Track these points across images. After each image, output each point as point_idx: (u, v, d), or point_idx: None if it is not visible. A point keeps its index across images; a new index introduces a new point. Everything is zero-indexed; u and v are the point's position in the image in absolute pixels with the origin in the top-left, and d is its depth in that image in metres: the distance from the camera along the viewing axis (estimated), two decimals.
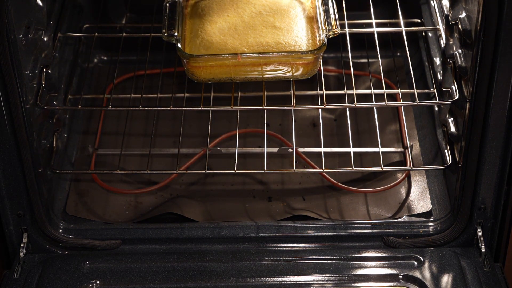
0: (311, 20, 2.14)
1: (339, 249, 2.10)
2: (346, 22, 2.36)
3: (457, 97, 2.10)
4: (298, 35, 2.10)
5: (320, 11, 2.13)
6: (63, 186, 2.27)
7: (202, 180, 2.33)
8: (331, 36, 2.06)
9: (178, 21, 2.11)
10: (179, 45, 2.05)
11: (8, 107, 1.92)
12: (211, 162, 2.32)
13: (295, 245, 2.12)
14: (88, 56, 2.58)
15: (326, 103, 2.13)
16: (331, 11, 2.11)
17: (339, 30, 2.07)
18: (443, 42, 2.30)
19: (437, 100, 2.24)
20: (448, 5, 2.22)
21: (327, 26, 2.07)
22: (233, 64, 2.04)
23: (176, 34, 2.07)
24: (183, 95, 2.27)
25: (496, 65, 1.86)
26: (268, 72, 2.07)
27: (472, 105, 1.95)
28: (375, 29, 2.33)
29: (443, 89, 2.27)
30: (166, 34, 2.08)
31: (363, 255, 2.07)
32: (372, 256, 2.07)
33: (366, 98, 2.34)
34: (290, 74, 2.08)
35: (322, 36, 2.06)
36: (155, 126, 2.35)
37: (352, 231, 2.14)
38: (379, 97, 2.24)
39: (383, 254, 2.08)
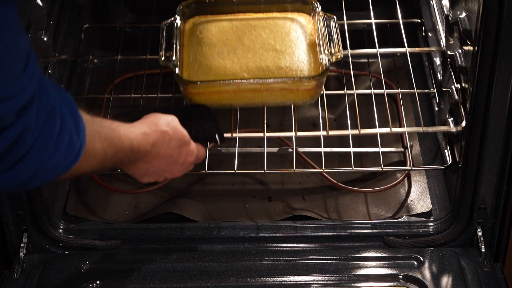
0: (313, 43, 2.08)
1: (339, 249, 2.10)
2: (345, 22, 2.36)
3: (457, 98, 2.10)
4: (300, 59, 2.04)
5: (322, 34, 2.06)
6: (63, 186, 2.27)
7: (202, 180, 2.33)
8: (333, 60, 2.00)
9: (175, 44, 2.04)
10: (177, 71, 1.98)
11: None
12: (211, 162, 2.31)
13: (295, 245, 2.12)
14: (88, 56, 2.58)
15: (326, 103, 2.13)
16: (333, 33, 2.05)
17: (342, 54, 2.00)
18: (443, 42, 2.30)
19: (439, 126, 2.24)
20: (448, 5, 2.22)
21: (329, 50, 2.01)
22: (233, 90, 1.99)
23: (173, 58, 2.00)
24: None
25: (496, 65, 1.86)
26: (269, 98, 2.02)
27: (472, 105, 1.95)
28: (374, 30, 2.33)
29: (443, 89, 2.27)
30: (163, 58, 2.00)
31: (363, 255, 2.07)
32: (372, 256, 2.07)
33: (366, 98, 2.34)
34: (292, 100, 2.03)
35: (325, 60, 2.00)
36: None
37: (352, 231, 2.14)
38: (379, 97, 2.24)
39: (383, 254, 2.08)
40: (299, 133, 2.09)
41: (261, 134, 2.11)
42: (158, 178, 1.81)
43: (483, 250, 2.06)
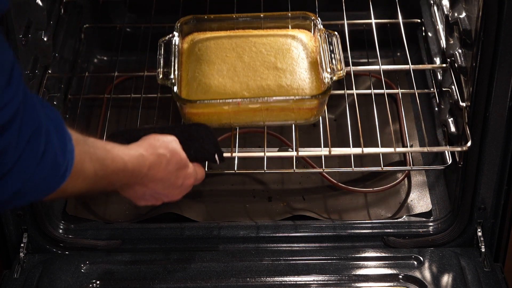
0: (315, 60, 2.05)
1: (339, 249, 2.10)
2: (345, 22, 2.36)
3: (456, 98, 2.10)
4: (301, 77, 2.00)
5: (324, 51, 2.03)
6: None
7: (202, 180, 2.33)
8: (336, 79, 1.97)
9: (173, 61, 2.00)
10: (175, 89, 1.95)
11: None
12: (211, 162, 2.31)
13: (295, 245, 2.12)
14: (88, 56, 2.57)
15: (326, 103, 2.13)
16: (336, 50, 2.02)
17: (344, 72, 1.97)
18: (443, 42, 2.30)
19: (444, 147, 2.20)
20: (448, 5, 2.22)
21: (332, 67, 1.98)
22: (233, 110, 1.95)
23: (171, 76, 1.96)
24: None
25: (496, 65, 1.86)
26: (270, 117, 1.98)
27: (472, 106, 1.95)
28: (375, 30, 2.34)
29: (443, 89, 2.28)
30: (161, 76, 1.96)
31: (363, 255, 2.07)
32: (372, 256, 2.07)
33: (366, 98, 2.34)
34: (293, 119, 2.00)
35: (327, 79, 1.96)
36: (156, 124, 2.34)
37: (352, 231, 2.14)
38: (379, 97, 2.25)
39: (383, 254, 2.08)
40: (301, 153, 2.06)
41: (261, 154, 2.06)
42: (156, 201, 1.75)
43: (483, 250, 2.06)
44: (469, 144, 1.98)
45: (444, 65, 2.24)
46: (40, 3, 2.12)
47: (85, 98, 2.43)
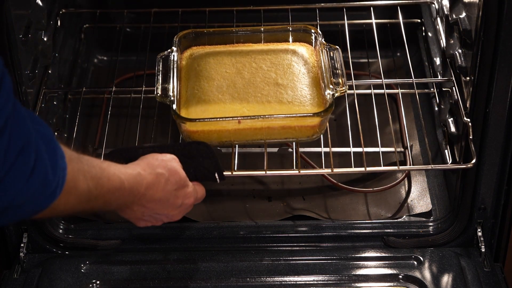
0: (316, 75, 2.03)
1: (339, 249, 2.10)
2: (346, 22, 2.36)
3: (456, 98, 2.10)
4: (302, 93, 1.97)
5: (326, 67, 2.00)
6: None
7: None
8: (338, 95, 1.94)
9: (172, 78, 1.97)
10: (174, 107, 1.92)
11: None
12: None
13: (295, 245, 2.12)
14: (88, 56, 2.57)
15: None
16: (337, 65, 1.99)
17: (346, 88, 1.95)
18: (443, 42, 2.30)
19: (449, 164, 2.17)
20: (448, 5, 2.22)
21: (334, 83, 1.95)
22: (233, 128, 1.92)
23: (170, 93, 1.93)
24: None
25: (496, 65, 1.86)
26: (271, 135, 1.95)
27: (472, 105, 1.95)
28: (375, 30, 2.33)
29: (443, 89, 2.27)
30: (159, 94, 1.93)
31: (363, 255, 2.08)
32: (372, 256, 2.07)
33: (366, 98, 2.34)
34: (295, 137, 1.97)
35: (329, 95, 1.93)
36: (155, 125, 2.34)
37: (352, 231, 2.14)
38: (379, 97, 2.24)
39: (383, 254, 2.08)
40: (302, 171, 2.03)
41: (262, 172, 2.01)
42: (156, 222, 1.72)
43: (483, 250, 2.06)
44: (473, 161, 1.96)
45: (446, 78, 2.21)
46: (40, 3, 2.13)
47: (85, 98, 2.43)
